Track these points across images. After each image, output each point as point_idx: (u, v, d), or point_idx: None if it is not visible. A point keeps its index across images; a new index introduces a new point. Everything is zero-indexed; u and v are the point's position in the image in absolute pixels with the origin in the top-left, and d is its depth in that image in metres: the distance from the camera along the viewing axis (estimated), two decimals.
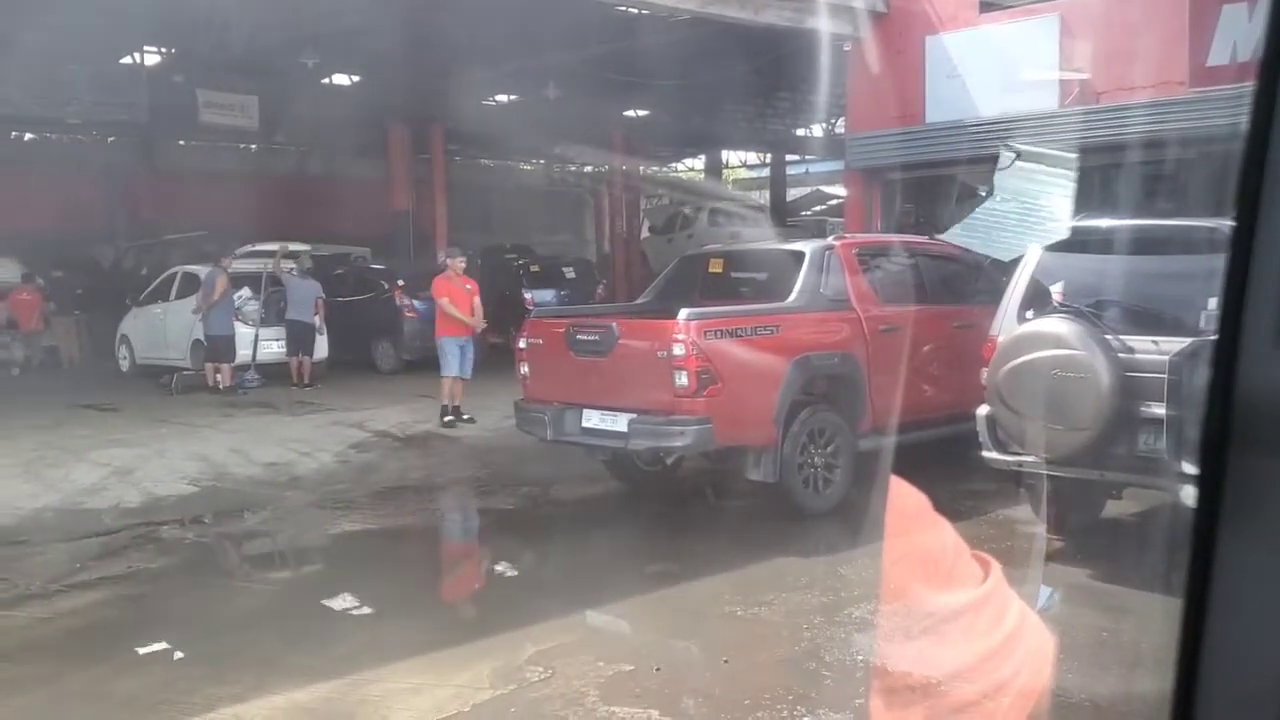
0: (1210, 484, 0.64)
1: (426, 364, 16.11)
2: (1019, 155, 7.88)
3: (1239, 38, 11.54)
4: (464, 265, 12.55)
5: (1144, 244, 6.77)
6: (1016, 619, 1.06)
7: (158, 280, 17.25)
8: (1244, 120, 0.70)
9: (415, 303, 16.79)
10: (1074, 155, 8.48)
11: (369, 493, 9.10)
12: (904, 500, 1.15)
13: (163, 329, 16.41)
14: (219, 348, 14.82)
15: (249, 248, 16.38)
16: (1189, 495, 0.65)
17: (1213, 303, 6.27)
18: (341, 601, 6.38)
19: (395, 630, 5.91)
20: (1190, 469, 0.65)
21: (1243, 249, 0.63)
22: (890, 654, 1.21)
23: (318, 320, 15.47)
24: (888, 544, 1.12)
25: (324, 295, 15.76)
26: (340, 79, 24.72)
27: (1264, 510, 0.62)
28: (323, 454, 10.58)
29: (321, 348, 15.71)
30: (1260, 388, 0.61)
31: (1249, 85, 0.69)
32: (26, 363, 18.05)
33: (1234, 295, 0.62)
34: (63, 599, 6.53)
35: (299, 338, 15.35)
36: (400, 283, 17.09)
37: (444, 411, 11.73)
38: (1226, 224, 0.71)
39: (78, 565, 7.18)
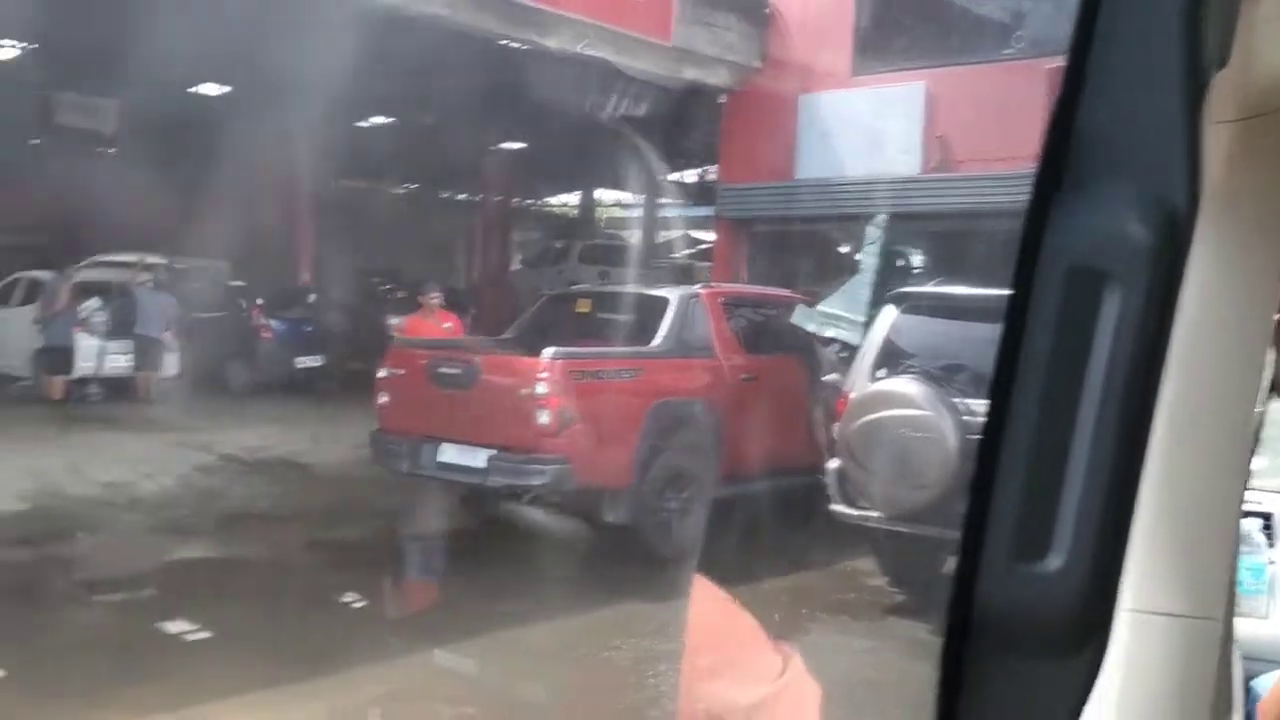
0: (951, 681, 0.68)
1: (279, 387, 15.75)
2: (884, 230, 8.17)
3: None
4: (439, 301, 10.98)
5: (991, 311, 7.07)
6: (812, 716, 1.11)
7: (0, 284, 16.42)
8: None
9: (272, 322, 16.41)
10: (930, 223, 8.84)
11: (212, 518, 8.80)
12: (706, 597, 1.19)
13: (1, 336, 15.60)
14: (56, 359, 14.17)
15: (98, 259, 15.70)
16: None
17: None
18: (176, 631, 6.14)
19: (231, 663, 5.72)
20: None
21: (990, 457, 0.66)
22: None
23: (169, 336, 14.92)
24: (689, 642, 1.16)
25: (178, 309, 15.21)
26: (209, 88, 24.03)
27: (996, 708, 0.68)
28: (165, 476, 10.17)
29: (172, 364, 15.15)
30: (998, 599, 0.66)
31: None
32: None
33: (979, 504, 0.66)
34: None
35: (148, 353, 14.78)
36: (259, 301, 16.64)
37: None
38: None
39: None
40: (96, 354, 14.62)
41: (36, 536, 8.03)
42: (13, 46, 20.80)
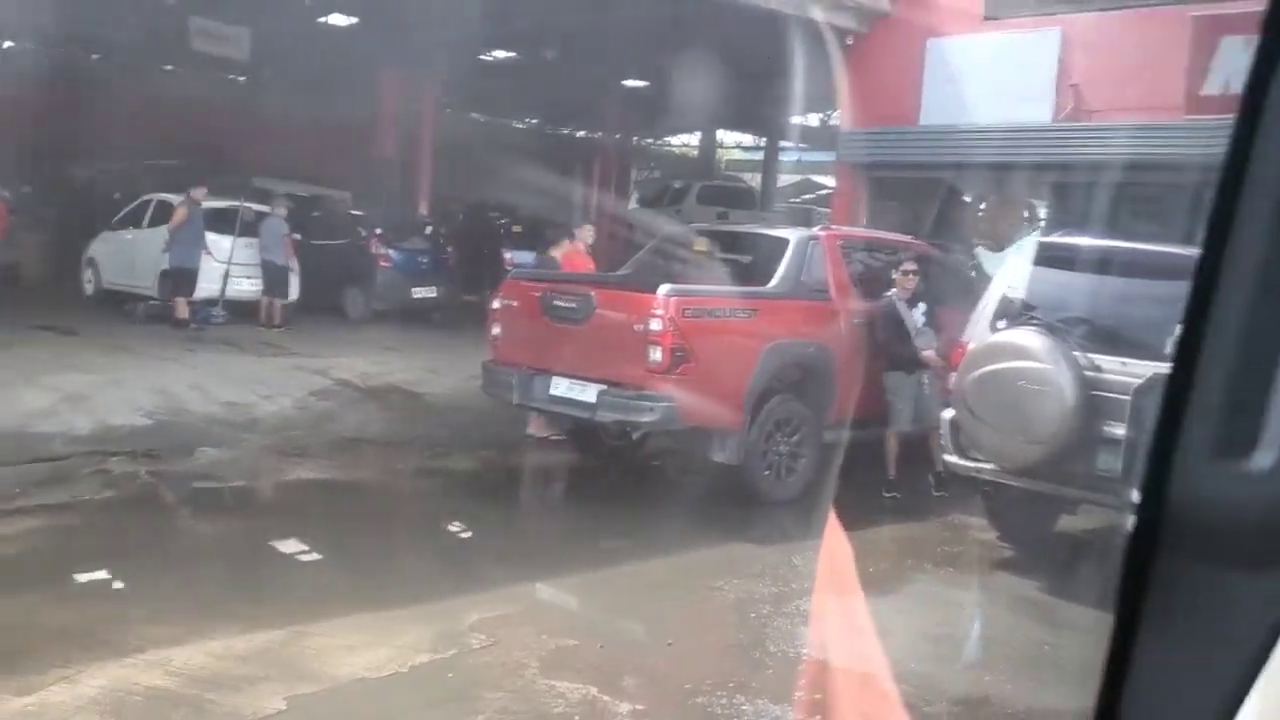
0: (1133, 586, 0.62)
1: (395, 316, 16.04)
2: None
3: (1235, 70, 11.55)
4: (592, 238, 10.79)
5: (1119, 265, 6.78)
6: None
7: (132, 205, 16.93)
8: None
9: (391, 252, 16.65)
10: (1059, 173, 8.47)
11: (326, 442, 9.00)
12: (837, 544, 1.12)
13: (131, 256, 16.11)
14: (182, 280, 14.59)
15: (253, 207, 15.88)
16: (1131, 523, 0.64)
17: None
18: (288, 550, 6.29)
19: (339, 584, 5.86)
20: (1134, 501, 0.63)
21: (1189, 350, 0.59)
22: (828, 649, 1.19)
23: (292, 261, 15.24)
24: (819, 586, 1.09)
25: (289, 232, 15.38)
26: (337, 19, 24.33)
27: (1185, 620, 0.61)
28: (283, 398, 10.44)
29: (293, 288, 15.51)
30: (1195, 500, 0.59)
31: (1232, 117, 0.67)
32: None
33: (1175, 399, 0.60)
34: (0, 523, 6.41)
35: (272, 278, 15.13)
36: (378, 231, 16.88)
37: None
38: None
39: (18, 490, 7.03)
40: (220, 277, 15.03)
41: (159, 451, 8.29)
42: None
